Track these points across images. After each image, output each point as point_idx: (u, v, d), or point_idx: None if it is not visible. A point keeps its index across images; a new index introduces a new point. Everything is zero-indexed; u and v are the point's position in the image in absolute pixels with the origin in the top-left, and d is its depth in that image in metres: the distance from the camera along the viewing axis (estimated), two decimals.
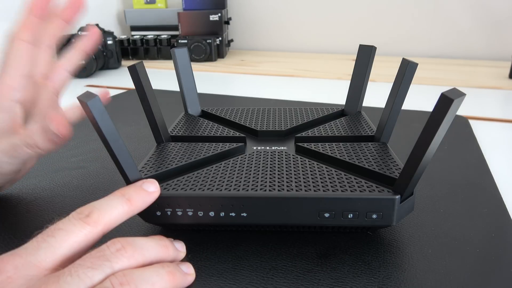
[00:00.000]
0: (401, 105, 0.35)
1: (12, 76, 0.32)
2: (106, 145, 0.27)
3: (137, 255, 0.24)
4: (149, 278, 0.22)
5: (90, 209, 0.25)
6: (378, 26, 1.12)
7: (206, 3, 1.11)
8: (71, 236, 0.23)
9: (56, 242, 0.23)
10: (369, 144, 0.36)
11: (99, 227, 0.24)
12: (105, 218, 0.24)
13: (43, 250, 0.22)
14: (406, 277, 0.27)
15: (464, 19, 1.04)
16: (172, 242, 0.27)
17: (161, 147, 0.37)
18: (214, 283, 0.26)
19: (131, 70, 0.34)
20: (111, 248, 0.23)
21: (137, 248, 0.24)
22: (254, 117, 0.44)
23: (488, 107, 0.67)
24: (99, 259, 0.22)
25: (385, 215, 0.28)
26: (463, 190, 0.38)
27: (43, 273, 0.22)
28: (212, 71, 0.97)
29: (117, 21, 1.24)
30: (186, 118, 0.44)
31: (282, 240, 0.31)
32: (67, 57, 0.36)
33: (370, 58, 0.42)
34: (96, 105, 0.25)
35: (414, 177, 0.27)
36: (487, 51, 1.04)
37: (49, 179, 0.41)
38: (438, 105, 0.23)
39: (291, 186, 0.29)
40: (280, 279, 0.27)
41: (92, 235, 0.24)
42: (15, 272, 0.21)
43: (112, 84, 0.84)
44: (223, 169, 0.32)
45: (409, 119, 0.56)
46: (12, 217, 0.34)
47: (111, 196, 0.26)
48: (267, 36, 1.24)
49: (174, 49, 0.43)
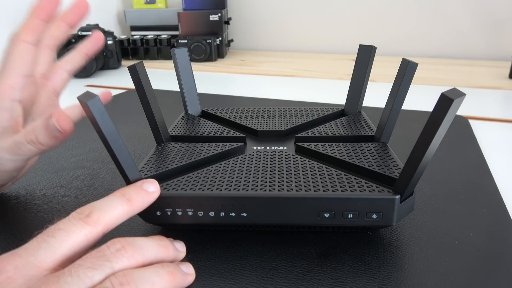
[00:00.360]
0: (401, 105, 0.35)
1: (12, 76, 0.33)
2: (106, 145, 0.27)
3: (137, 255, 0.24)
4: (149, 278, 0.22)
5: (90, 209, 0.25)
6: (378, 26, 1.12)
7: (206, 3, 1.11)
8: (71, 236, 0.23)
9: (56, 242, 0.23)
10: (369, 144, 0.36)
11: (99, 227, 0.24)
12: (105, 218, 0.24)
13: (43, 250, 0.22)
14: (406, 277, 0.27)
15: (464, 19, 1.04)
16: (172, 242, 0.27)
17: (161, 147, 0.37)
18: (214, 283, 0.26)
19: (131, 70, 0.34)
20: (111, 248, 0.23)
21: (137, 248, 0.24)
22: (254, 117, 0.44)
23: (488, 107, 0.67)
24: (99, 259, 0.22)
25: (385, 215, 0.28)
26: (463, 190, 0.38)
27: (43, 273, 0.22)
28: (212, 71, 0.97)
29: (117, 21, 1.24)
30: (186, 118, 0.44)
31: (282, 240, 0.31)
32: (68, 58, 0.37)
33: (370, 58, 0.42)
34: (96, 105, 0.25)
35: (414, 177, 0.27)
36: (487, 51, 1.04)
37: (49, 179, 0.41)
38: (438, 105, 0.23)
39: (291, 186, 0.29)
40: (280, 279, 0.27)
41: (92, 235, 0.24)
42: (15, 272, 0.21)
43: (112, 84, 0.84)
44: (223, 169, 0.32)
45: (409, 119, 0.56)
46: (12, 217, 0.34)
47: (111, 196, 0.26)
48: (267, 36, 1.24)
49: (174, 49, 0.43)
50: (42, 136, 0.30)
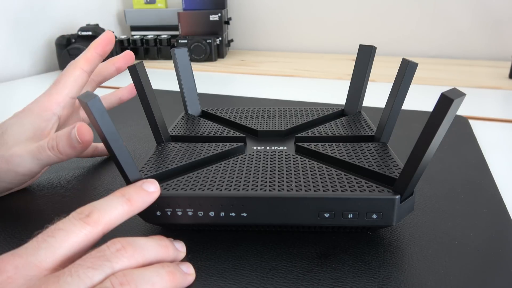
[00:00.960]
0: (401, 105, 0.35)
1: (62, 94, 0.36)
2: (106, 145, 0.27)
3: (137, 255, 0.24)
4: (149, 278, 0.22)
5: (90, 209, 0.25)
6: (378, 26, 1.12)
7: (206, 3, 1.11)
8: (71, 236, 0.23)
9: (56, 242, 0.23)
10: (369, 144, 0.36)
11: (99, 227, 0.24)
12: (105, 218, 0.24)
13: (43, 250, 0.22)
14: (406, 277, 0.27)
15: (464, 19, 1.04)
16: (172, 242, 0.27)
17: (161, 147, 0.37)
18: (214, 283, 0.26)
19: (131, 70, 0.34)
20: (111, 248, 0.23)
21: (137, 248, 0.24)
22: (254, 117, 0.44)
23: (488, 107, 0.67)
24: (99, 259, 0.22)
25: (385, 215, 0.28)
26: (463, 190, 0.38)
27: (43, 273, 0.22)
28: (212, 71, 0.97)
29: (117, 21, 1.24)
30: (186, 118, 0.44)
31: (282, 240, 0.31)
32: (104, 96, 0.44)
33: (370, 58, 0.42)
34: (96, 105, 0.25)
35: (414, 177, 0.27)
36: (487, 51, 1.04)
37: (49, 179, 0.41)
38: (438, 105, 0.23)
39: (291, 186, 0.29)
40: (280, 279, 0.27)
41: (92, 235, 0.24)
42: (15, 272, 0.21)
43: (112, 84, 0.84)
44: (223, 169, 0.32)
45: (409, 119, 0.56)
46: (12, 217, 0.34)
47: (111, 196, 0.26)
48: (267, 36, 1.24)
49: (174, 49, 0.43)
50: (62, 144, 0.32)
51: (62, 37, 0.92)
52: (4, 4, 0.88)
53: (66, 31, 1.02)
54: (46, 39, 0.99)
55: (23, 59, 0.94)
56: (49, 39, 0.99)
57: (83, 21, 1.04)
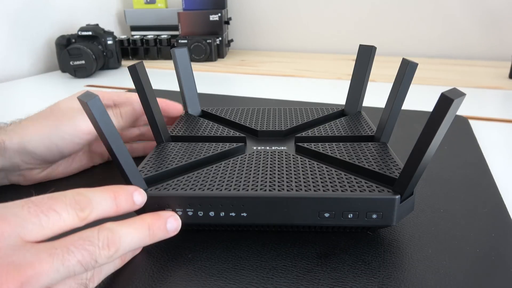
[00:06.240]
0: (401, 105, 0.35)
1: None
2: (106, 145, 0.27)
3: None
4: None
5: (90, 209, 0.25)
6: (378, 26, 1.12)
7: (206, 3, 1.11)
8: (62, 226, 0.23)
9: (47, 222, 0.23)
10: (369, 144, 0.36)
11: (88, 222, 0.25)
12: (93, 214, 0.25)
13: (32, 225, 0.22)
14: (406, 277, 0.27)
15: (464, 19, 1.04)
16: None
17: (161, 147, 0.37)
18: (214, 283, 0.26)
19: (131, 70, 0.34)
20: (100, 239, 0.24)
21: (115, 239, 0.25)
22: (254, 117, 0.44)
23: (488, 107, 0.67)
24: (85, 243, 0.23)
25: (385, 215, 0.28)
26: (463, 190, 0.38)
27: (24, 244, 0.22)
28: (212, 71, 0.97)
29: (117, 21, 1.24)
30: (186, 118, 0.44)
31: (282, 240, 0.31)
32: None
33: (370, 58, 0.42)
34: (96, 105, 0.25)
35: (414, 177, 0.27)
36: (487, 51, 1.04)
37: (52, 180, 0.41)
38: (438, 105, 0.23)
39: (291, 186, 0.29)
40: (280, 279, 0.27)
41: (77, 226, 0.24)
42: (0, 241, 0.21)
43: (112, 84, 0.84)
44: (223, 169, 0.32)
45: (409, 119, 0.56)
46: None
47: (107, 196, 0.26)
48: (267, 36, 1.24)
49: (174, 49, 0.43)
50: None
51: (62, 37, 0.92)
52: (4, 4, 0.88)
53: (66, 31, 1.02)
54: (46, 39, 0.98)
55: (23, 59, 0.94)
56: (49, 39, 0.99)
57: (83, 21, 1.04)
